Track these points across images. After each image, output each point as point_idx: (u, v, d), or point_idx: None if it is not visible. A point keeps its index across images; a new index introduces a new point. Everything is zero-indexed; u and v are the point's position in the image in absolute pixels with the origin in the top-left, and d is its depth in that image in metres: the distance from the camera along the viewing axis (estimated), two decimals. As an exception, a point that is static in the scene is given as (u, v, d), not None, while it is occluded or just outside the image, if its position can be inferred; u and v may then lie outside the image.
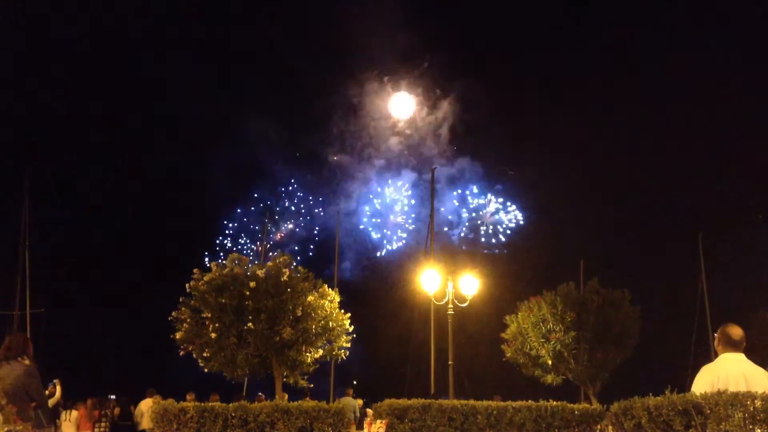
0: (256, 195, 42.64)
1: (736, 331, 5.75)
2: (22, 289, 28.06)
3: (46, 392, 9.91)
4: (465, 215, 42.43)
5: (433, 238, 28.41)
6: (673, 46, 38.44)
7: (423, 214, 41.17)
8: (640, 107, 37.69)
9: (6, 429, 5.29)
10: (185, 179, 38.78)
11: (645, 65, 39.72)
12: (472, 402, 8.50)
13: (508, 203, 42.08)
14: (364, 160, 42.85)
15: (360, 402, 22.00)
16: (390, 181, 42.76)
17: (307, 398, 16.63)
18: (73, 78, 38.65)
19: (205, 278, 13.47)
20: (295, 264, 14.20)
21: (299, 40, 43.58)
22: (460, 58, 42.38)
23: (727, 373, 5.50)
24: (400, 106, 43.05)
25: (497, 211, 42.13)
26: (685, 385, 5.86)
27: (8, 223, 29.82)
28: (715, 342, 5.88)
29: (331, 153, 42.93)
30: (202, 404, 8.17)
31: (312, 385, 15.63)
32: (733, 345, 5.70)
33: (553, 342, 15.50)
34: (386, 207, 42.49)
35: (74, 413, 17.43)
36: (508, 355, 16.57)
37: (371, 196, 42.50)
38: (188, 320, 13.58)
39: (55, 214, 34.92)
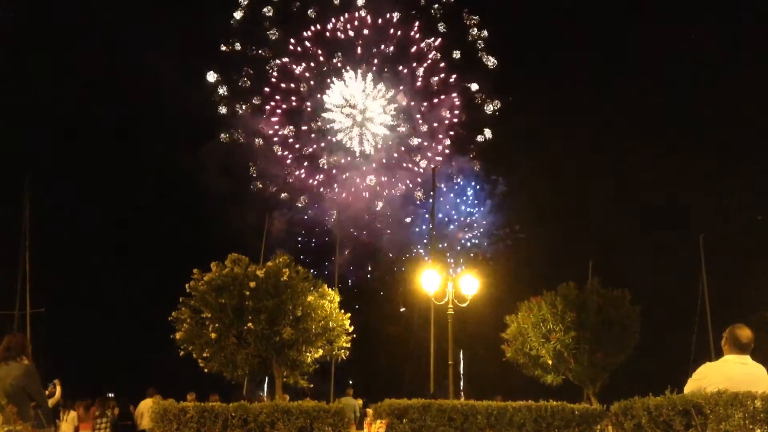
0: (254, 189, 42.51)
1: (744, 333, 5.63)
2: (23, 289, 28.09)
3: (46, 392, 9.91)
4: (456, 214, 42.40)
5: (433, 236, 28.42)
6: (673, 47, 38.46)
7: (421, 214, 41.21)
8: (641, 107, 37.74)
9: (6, 429, 5.29)
10: (184, 178, 38.76)
11: (646, 65, 39.74)
12: (472, 402, 8.50)
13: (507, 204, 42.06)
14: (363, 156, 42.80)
15: (360, 402, 22.00)
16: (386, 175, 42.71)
17: (308, 398, 16.62)
18: (73, 77, 38.64)
19: (205, 278, 13.48)
20: (294, 263, 14.21)
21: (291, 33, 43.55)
22: (461, 57, 42.48)
23: (728, 374, 5.46)
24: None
25: (495, 209, 42.13)
26: (685, 385, 5.81)
27: (9, 223, 29.88)
28: (722, 341, 5.78)
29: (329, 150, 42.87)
30: (202, 404, 8.16)
31: (312, 385, 15.64)
32: (739, 347, 5.61)
33: (553, 342, 15.48)
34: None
35: (72, 413, 17.43)
36: (508, 355, 16.56)
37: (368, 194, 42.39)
38: (188, 320, 13.59)
39: (55, 215, 35.08)
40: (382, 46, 43.14)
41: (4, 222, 30.84)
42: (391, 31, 42.97)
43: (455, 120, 42.97)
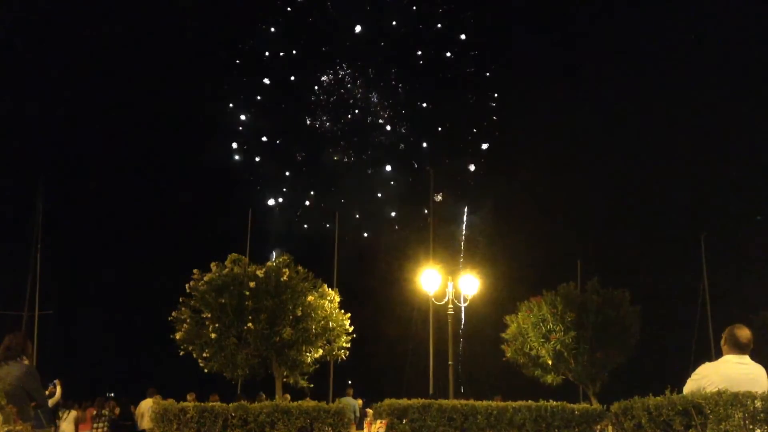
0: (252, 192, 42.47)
1: (743, 333, 5.61)
2: (32, 291, 28.25)
3: (46, 392, 9.91)
4: (456, 214, 42.41)
5: (433, 238, 28.40)
6: (673, 46, 38.47)
7: (421, 213, 41.20)
8: (640, 107, 37.75)
9: (6, 429, 5.29)
10: (185, 180, 38.83)
11: (646, 65, 39.75)
12: (472, 402, 8.49)
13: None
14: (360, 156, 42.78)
15: (360, 402, 21.99)
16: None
17: (308, 398, 16.59)
18: (85, 81, 38.72)
19: (205, 278, 13.48)
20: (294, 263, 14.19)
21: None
22: (458, 55, 42.52)
23: (727, 374, 5.46)
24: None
25: (495, 209, 42.11)
26: (684, 385, 5.82)
27: (21, 226, 30.13)
28: (722, 341, 5.78)
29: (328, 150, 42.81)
30: (202, 404, 8.17)
31: (312, 385, 15.62)
32: (738, 347, 5.60)
33: (553, 342, 15.50)
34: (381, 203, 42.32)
35: (72, 413, 17.45)
36: (508, 355, 16.57)
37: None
38: (188, 320, 13.59)
39: (66, 218, 35.31)
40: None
41: (16, 226, 31.11)
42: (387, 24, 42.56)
43: (455, 119, 42.95)
